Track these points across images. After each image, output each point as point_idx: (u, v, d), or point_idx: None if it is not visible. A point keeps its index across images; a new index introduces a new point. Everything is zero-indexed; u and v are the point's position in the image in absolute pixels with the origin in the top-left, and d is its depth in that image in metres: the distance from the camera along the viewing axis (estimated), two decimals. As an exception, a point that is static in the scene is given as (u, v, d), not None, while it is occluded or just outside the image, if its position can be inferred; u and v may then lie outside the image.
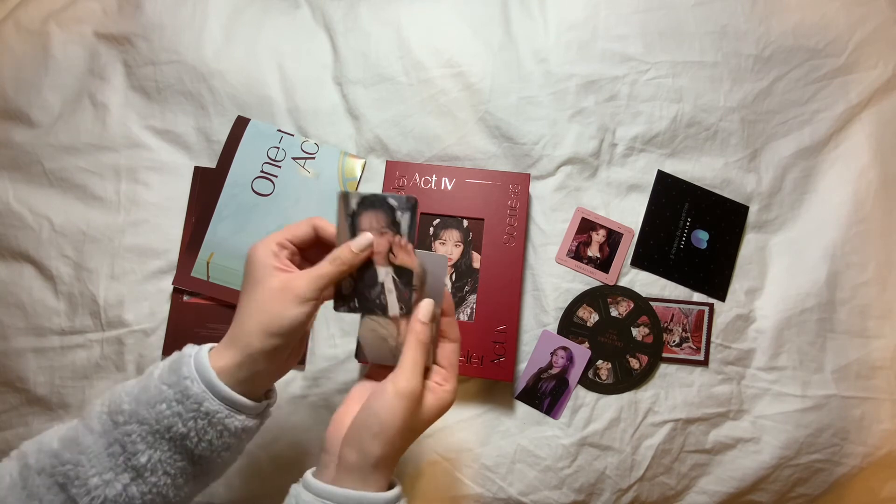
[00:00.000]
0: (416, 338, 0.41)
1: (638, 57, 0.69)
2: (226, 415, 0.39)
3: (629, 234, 0.67)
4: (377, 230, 0.42)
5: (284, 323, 0.39)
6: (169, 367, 0.40)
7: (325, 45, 0.72)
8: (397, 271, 0.42)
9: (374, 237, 0.42)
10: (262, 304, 0.40)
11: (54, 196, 0.67)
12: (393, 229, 0.42)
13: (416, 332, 0.41)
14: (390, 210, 0.42)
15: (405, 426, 0.38)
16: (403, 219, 0.42)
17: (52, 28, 0.70)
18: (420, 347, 0.40)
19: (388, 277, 0.42)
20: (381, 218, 0.42)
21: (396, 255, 0.42)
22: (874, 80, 0.69)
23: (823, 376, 0.64)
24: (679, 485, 0.64)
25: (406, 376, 0.39)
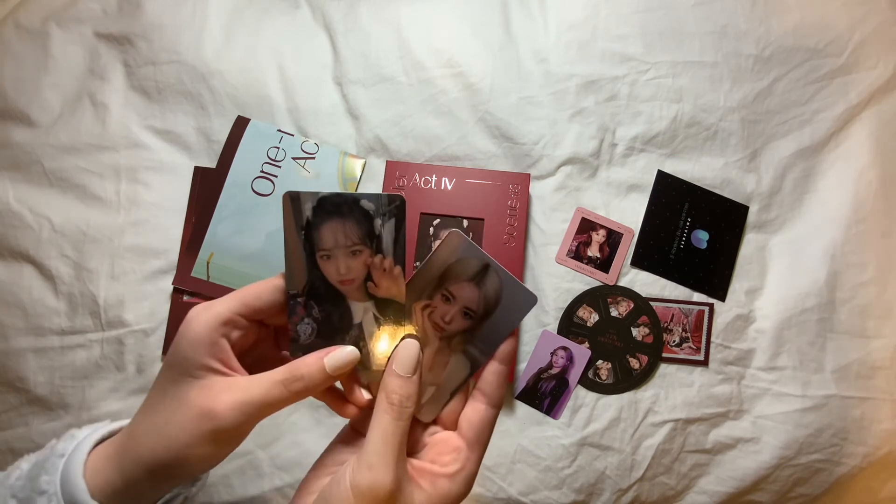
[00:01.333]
0: (387, 402, 0.28)
1: (638, 57, 0.69)
2: None
3: (629, 234, 0.67)
4: (345, 248, 0.29)
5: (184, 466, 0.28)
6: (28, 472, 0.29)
7: (325, 45, 0.72)
8: (379, 306, 0.30)
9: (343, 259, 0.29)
10: (166, 426, 0.28)
11: (54, 196, 0.67)
12: (370, 245, 0.29)
13: (387, 391, 0.28)
14: (365, 217, 0.29)
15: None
16: (386, 229, 0.29)
17: (52, 28, 0.70)
18: (392, 419, 0.28)
19: (369, 316, 0.30)
20: (352, 229, 0.29)
21: (378, 283, 0.30)
22: (874, 80, 0.69)
23: (823, 376, 0.64)
24: (679, 485, 0.64)
25: (371, 456, 0.27)
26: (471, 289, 0.30)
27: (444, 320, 0.30)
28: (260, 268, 0.66)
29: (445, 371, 0.31)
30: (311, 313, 0.30)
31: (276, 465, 0.63)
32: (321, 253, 0.29)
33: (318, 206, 0.29)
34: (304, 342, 0.30)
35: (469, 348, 0.30)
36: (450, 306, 0.30)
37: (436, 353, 0.31)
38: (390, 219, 0.29)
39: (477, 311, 0.30)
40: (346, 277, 0.30)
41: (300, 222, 0.29)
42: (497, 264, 0.30)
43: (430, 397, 0.31)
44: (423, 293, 0.31)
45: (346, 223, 0.29)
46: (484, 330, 0.30)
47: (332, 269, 0.29)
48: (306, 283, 0.29)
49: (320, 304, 0.30)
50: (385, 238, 0.29)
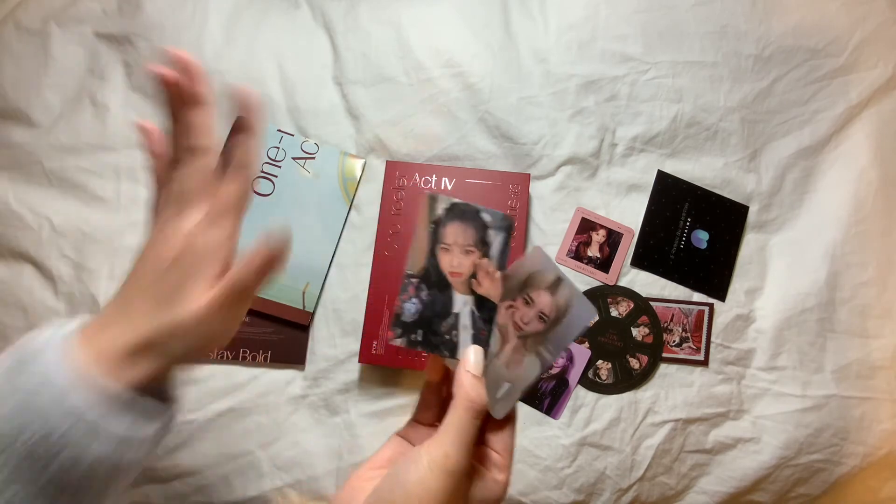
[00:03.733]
0: (466, 397, 0.31)
1: (638, 57, 0.69)
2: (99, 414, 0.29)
3: (629, 234, 0.67)
4: (462, 246, 0.35)
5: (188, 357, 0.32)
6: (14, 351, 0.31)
7: (325, 45, 0.72)
8: (478, 303, 0.34)
9: (458, 255, 0.34)
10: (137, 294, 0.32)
11: (54, 196, 0.67)
12: (481, 249, 0.35)
13: (464, 388, 0.31)
14: (482, 226, 0.35)
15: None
16: (496, 240, 0.35)
17: (52, 28, 0.70)
18: (469, 411, 0.31)
19: (466, 309, 0.34)
20: (470, 233, 0.35)
21: (480, 282, 0.34)
22: (874, 80, 0.69)
23: (823, 376, 0.64)
24: (679, 485, 0.64)
25: (446, 446, 0.30)
26: (547, 296, 0.34)
27: (524, 321, 0.34)
28: (260, 268, 0.66)
29: (520, 369, 0.33)
30: (419, 294, 0.34)
31: (276, 465, 0.63)
32: (442, 245, 0.35)
33: (449, 209, 0.35)
34: (407, 319, 0.34)
35: (541, 349, 0.33)
36: (529, 309, 0.34)
37: (514, 350, 0.34)
38: (501, 232, 0.35)
39: (550, 315, 0.34)
40: (456, 270, 0.34)
41: (432, 218, 0.35)
42: (568, 278, 0.34)
43: (505, 394, 0.33)
44: (508, 296, 0.35)
45: (466, 227, 0.35)
46: (553, 334, 0.33)
47: (446, 261, 0.35)
48: (424, 267, 0.35)
49: (429, 289, 0.34)
50: (494, 247, 0.35)
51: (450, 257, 0.34)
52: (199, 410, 0.63)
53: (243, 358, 0.65)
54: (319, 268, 0.66)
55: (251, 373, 0.65)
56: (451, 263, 0.34)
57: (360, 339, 0.64)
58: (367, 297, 0.64)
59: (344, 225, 0.68)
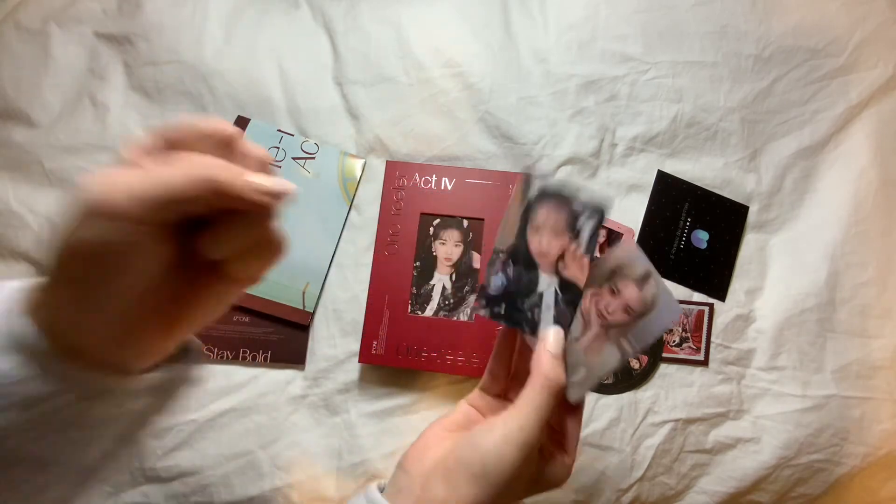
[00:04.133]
0: (545, 376, 0.32)
1: (638, 57, 0.69)
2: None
3: (629, 234, 0.67)
4: (552, 228, 0.35)
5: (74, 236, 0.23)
6: None
7: (325, 45, 0.72)
8: (562, 285, 0.35)
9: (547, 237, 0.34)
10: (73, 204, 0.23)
11: (54, 196, 0.67)
12: (571, 234, 0.35)
13: (544, 367, 0.32)
14: (573, 212, 0.35)
15: (510, 481, 0.31)
16: (586, 226, 0.34)
17: (52, 28, 0.70)
18: (547, 390, 0.32)
19: (550, 290, 0.35)
20: (562, 217, 0.35)
21: (567, 265, 0.35)
22: (874, 80, 0.69)
23: (823, 376, 0.64)
24: (679, 485, 0.64)
25: (522, 420, 0.31)
26: (634, 289, 0.34)
27: (608, 310, 0.34)
28: (260, 268, 0.66)
29: (599, 357, 0.34)
30: (506, 270, 0.35)
31: (276, 465, 0.63)
32: (533, 225, 0.35)
33: (543, 190, 0.35)
34: (492, 293, 0.35)
35: (622, 341, 0.33)
36: (614, 299, 0.34)
37: (595, 337, 0.34)
38: (591, 219, 0.34)
39: (635, 309, 0.34)
40: (544, 250, 0.35)
41: (526, 197, 0.35)
42: (657, 274, 0.33)
43: (581, 379, 0.34)
44: (594, 283, 0.35)
45: (559, 211, 0.35)
46: (636, 328, 0.33)
47: (535, 241, 0.35)
48: (513, 244, 0.35)
49: (516, 265, 0.35)
50: (584, 233, 0.34)
51: (539, 238, 0.35)
52: (199, 410, 0.63)
53: (243, 358, 0.65)
54: (319, 268, 0.66)
55: (251, 373, 0.65)
56: (539, 243, 0.35)
57: (360, 339, 0.64)
58: (367, 297, 0.64)
59: (344, 225, 0.68)
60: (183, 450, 0.62)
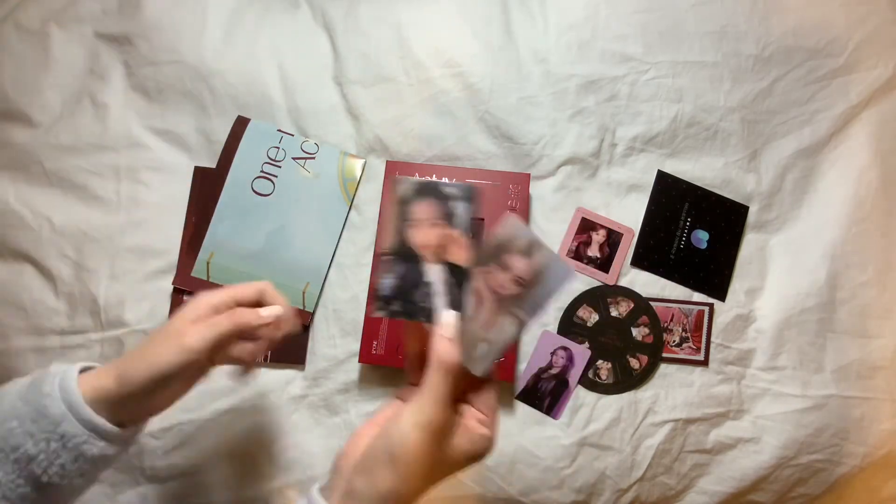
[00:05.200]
0: (437, 358, 0.34)
1: (638, 57, 0.69)
2: (84, 439, 0.37)
3: (629, 234, 0.67)
4: (429, 220, 0.37)
5: (160, 365, 0.39)
6: (29, 384, 0.38)
7: (325, 45, 0.72)
8: (448, 270, 0.37)
9: (425, 229, 0.37)
10: (153, 340, 0.40)
11: (54, 196, 0.67)
12: (447, 221, 0.37)
13: (437, 351, 0.35)
14: (445, 200, 0.37)
15: (421, 462, 0.33)
16: (460, 209, 0.37)
17: (52, 28, 0.70)
18: (442, 371, 0.34)
19: (438, 277, 0.37)
20: (436, 207, 0.37)
21: (448, 250, 0.37)
22: (874, 80, 0.69)
23: (823, 376, 0.64)
24: (679, 485, 0.64)
25: (422, 405, 0.34)
26: (521, 260, 0.35)
27: (500, 285, 0.35)
28: (260, 267, 0.66)
29: (496, 329, 0.35)
30: (394, 269, 0.37)
31: (276, 465, 0.63)
32: (410, 223, 0.37)
33: (413, 188, 0.38)
34: (385, 294, 0.37)
35: (517, 311, 0.35)
36: (504, 274, 0.35)
37: (490, 312, 0.36)
38: (464, 202, 0.37)
39: (526, 278, 0.35)
40: (425, 243, 0.37)
41: (400, 200, 0.37)
42: (542, 242, 0.35)
43: (483, 353, 0.35)
44: (483, 261, 0.36)
45: (432, 202, 0.37)
46: (530, 296, 0.35)
47: (415, 236, 0.37)
48: (395, 244, 0.37)
49: (402, 263, 0.37)
50: (458, 216, 0.37)
51: (418, 233, 0.37)
52: (199, 410, 0.63)
53: (243, 358, 0.65)
54: (319, 268, 0.66)
55: (251, 373, 0.65)
56: (419, 238, 0.37)
57: (360, 339, 0.64)
58: (368, 297, 0.64)
59: (344, 225, 0.68)
60: (182, 449, 0.62)
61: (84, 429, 0.37)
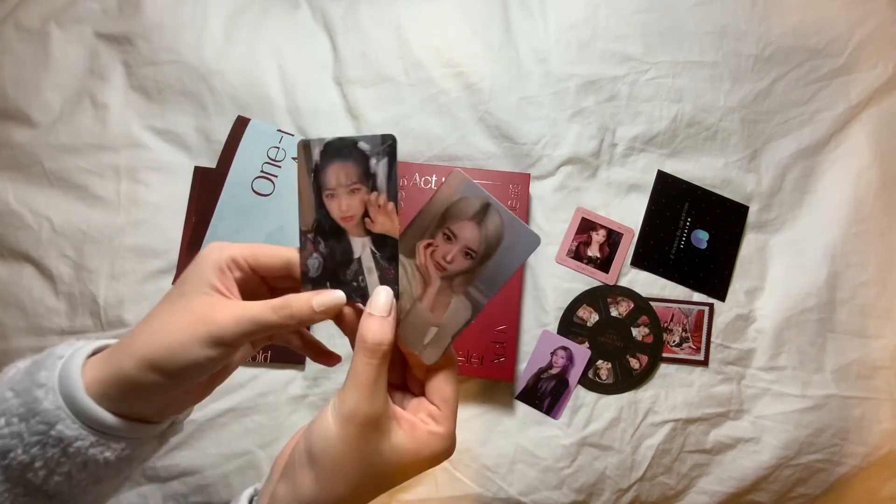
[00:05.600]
0: (361, 338, 0.29)
1: (638, 57, 0.69)
2: (90, 443, 0.28)
3: (629, 234, 0.67)
4: (346, 186, 0.31)
5: (176, 362, 0.28)
6: (26, 368, 0.30)
7: (325, 45, 0.72)
8: (377, 242, 0.32)
9: (344, 198, 0.31)
10: (164, 325, 0.29)
11: (54, 196, 0.67)
12: (367, 183, 0.31)
13: (361, 331, 0.29)
14: (362, 157, 0.31)
15: (347, 463, 0.28)
16: (380, 167, 0.31)
17: (52, 28, 0.70)
18: (369, 354, 0.28)
19: (367, 251, 0.32)
20: (351, 170, 0.31)
21: (374, 219, 0.31)
22: (874, 80, 0.69)
23: (823, 376, 0.64)
24: (679, 485, 0.64)
25: (345, 394, 0.28)
26: (472, 228, 0.30)
27: (446, 259, 0.31)
28: (260, 268, 0.66)
29: (447, 312, 0.30)
30: (318, 248, 0.32)
31: (276, 465, 0.63)
32: (327, 192, 0.32)
33: (324, 151, 0.32)
34: (313, 275, 0.32)
35: (470, 290, 0.30)
36: (451, 245, 0.30)
37: (437, 293, 0.31)
38: (383, 158, 0.31)
39: (478, 251, 0.30)
40: (346, 214, 0.32)
41: (310, 166, 0.32)
42: (498, 203, 0.29)
43: (433, 339, 0.31)
44: (425, 232, 0.31)
45: (346, 164, 0.31)
46: (485, 271, 0.30)
47: (335, 207, 0.32)
48: (314, 220, 0.32)
49: (326, 240, 0.32)
50: (379, 176, 0.31)
51: (337, 202, 0.32)
52: (199, 410, 0.63)
53: (243, 358, 0.65)
54: (319, 268, 0.66)
55: (251, 373, 0.65)
56: (339, 208, 0.32)
57: (360, 339, 0.64)
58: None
59: (344, 225, 0.68)
60: (183, 449, 0.62)
61: (87, 430, 0.28)
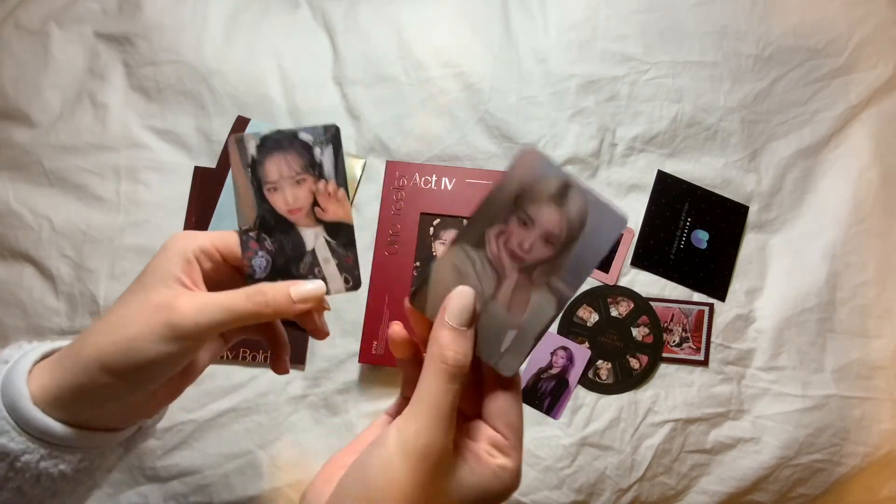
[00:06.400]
0: (438, 355, 0.25)
1: (638, 57, 0.69)
2: (40, 457, 0.26)
3: (629, 234, 0.67)
4: (290, 178, 0.31)
5: (129, 360, 0.26)
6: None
7: (325, 45, 0.72)
8: (330, 230, 0.31)
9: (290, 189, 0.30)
10: (118, 321, 0.27)
11: (54, 196, 0.67)
12: (313, 173, 0.31)
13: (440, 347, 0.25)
14: (305, 148, 0.31)
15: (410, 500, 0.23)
16: (325, 156, 0.31)
17: (52, 28, 0.70)
18: (444, 374, 0.24)
19: (320, 241, 0.31)
20: (294, 161, 0.31)
21: (325, 207, 0.31)
22: (874, 80, 0.69)
23: (823, 376, 0.64)
24: (679, 485, 0.64)
25: (413, 423, 0.24)
26: (552, 211, 0.27)
27: (523, 248, 0.27)
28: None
29: (527, 311, 0.27)
30: (263, 246, 0.31)
31: (276, 465, 0.63)
32: (268, 186, 0.31)
33: (261, 144, 0.31)
34: (259, 276, 0.31)
35: (554, 281, 0.27)
36: (528, 231, 0.27)
37: (515, 288, 0.27)
38: (328, 146, 0.31)
39: (560, 236, 0.27)
40: (294, 207, 0.31)
41: (246, 161, 0.31)
42: (579, 181, 0.26)
43: (511, 344, 0.27)
44: (496, 218, 0.27)
45: (288, 156, 0.31)
46: (569, 259, 0.27)
47: (279, 200, 0.31)
48: (257, 216, 0.31)
49: (272, 236, 0.31)
50: (326, 165, 0.31)
51: (282, 195, 0.31)
52: (199, 410, 0.63)
53: (243, 358, 0.65)
54: (319, 268, 0.66)
55: (251, 373, 0.65)
56: (285, 201, 0.31)
57: (359, 339, 0.64)
58: (367, 297, 0.64)
59: (344, 225, 0.68)
60: (182, 449, 0.62)
61: (35, 444, 0.26)
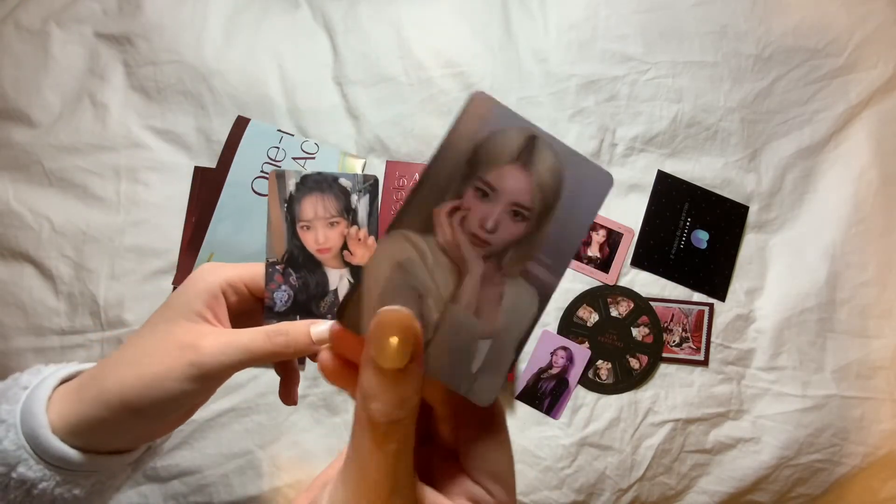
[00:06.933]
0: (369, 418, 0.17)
1: (638, 57, 0.69)
2: (55, 483, 0.26)
3: (629, 234, 0.67)
4: (324, 219, 0.31)
5: (151, 398, 0.26)
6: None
7: (325, 45, 0.72)
8: (355, 273, 0.32)
9: (322, 230, 0.31)
10: (141, 356, 0.27)
11: (54, 196, 0.67)
12: (347, 217, 0.32)
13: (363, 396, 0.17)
14: (342, 193, 0.32)
15: None
16: (361, 203, 0.32)
17: (52, 28, 0.70)
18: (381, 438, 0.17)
19: (344, 282, 0.32)
20: (331, 203, 0.31)
21: (354, 251, 0.32)
22: (874, 80, 0.69)
23: (823, 376, 0.64)
24: (679, 485, 0.64)
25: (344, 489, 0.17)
26: (517, 174, 0.19)
27: (486, 227, 0.19)
28: (260, 268, 0.66)
29: (502, 311, 0.20)
30: (288, 280, 0.32)
31: (276, 465, 0.63)
32: (302, 224, 0.32)
33: (300, 182, 0.32)
34: (280, 309, 0.31)
35: (531, 267, 0.20)
36: (490, 204, 0.19)
37: (482, 283, 0.19)
38: (365, 195, 0.32)
39: (531, 206, 0.19)
40: (323, 246, 0.32)
41: (284, 196, 0.32)
42: (547, 134, 0.19)
43: (486, 360, 0.19)
44: (446, 190, 0.19)
45: (325, 197, 0.32)
46: (546, 235, 0.19)
47: (310, 239, 0.32)
48: (286, 251, 0.32)
49: (297, 272, 0.32)
50: (361, 212, 0.32)
51: (314, 234, 0.32)
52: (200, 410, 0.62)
53: (243, 358, 0.65)
54: (319, 268, 0.66)
55: (251, 373, 0.65)
56: (316, 240, 0.32)
57: (360, 339, 0.64)
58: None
59: (344, 225, 0.68)
60: (182, 449, 0.62)
61: (52, 471, 0.26)
